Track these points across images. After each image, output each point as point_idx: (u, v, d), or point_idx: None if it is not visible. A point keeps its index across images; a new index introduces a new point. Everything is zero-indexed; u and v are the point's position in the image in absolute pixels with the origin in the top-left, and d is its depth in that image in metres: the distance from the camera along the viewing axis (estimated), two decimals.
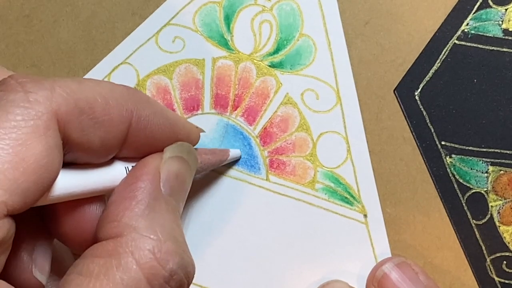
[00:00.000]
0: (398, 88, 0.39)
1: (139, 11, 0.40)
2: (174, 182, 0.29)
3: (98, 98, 0.26)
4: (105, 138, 0.27)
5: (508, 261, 0.38)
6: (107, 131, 0.27)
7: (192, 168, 0.31)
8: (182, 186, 0.30)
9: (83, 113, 0.26)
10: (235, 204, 0.39)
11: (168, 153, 0.30)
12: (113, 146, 0.28)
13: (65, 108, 0.25)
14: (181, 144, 0.31)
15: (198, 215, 0.39)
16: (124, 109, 0.27)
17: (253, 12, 0.39)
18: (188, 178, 0.31)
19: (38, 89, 0.25)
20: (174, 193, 0.29)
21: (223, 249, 0.39)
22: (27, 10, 0.41)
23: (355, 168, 0.39)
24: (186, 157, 0.30)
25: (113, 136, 0.27)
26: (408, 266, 0.37)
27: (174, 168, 0.29)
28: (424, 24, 0.39)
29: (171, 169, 0.29)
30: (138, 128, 0.28)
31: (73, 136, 0.26)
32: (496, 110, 0.38)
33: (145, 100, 0.29)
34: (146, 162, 0.29)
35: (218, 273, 0.39)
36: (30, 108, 0.24)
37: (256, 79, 0.39)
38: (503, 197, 0.38)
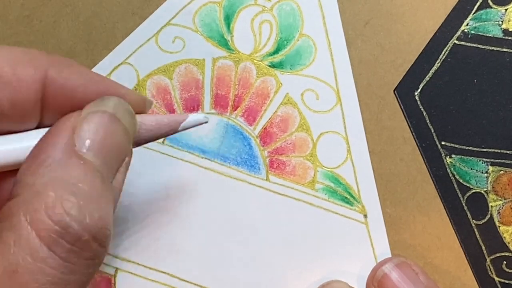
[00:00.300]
0: (398, 88, 0.39)
1: (139, 11, 0.40)
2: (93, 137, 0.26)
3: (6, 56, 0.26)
4: (16, 99, 0.26)
5: (508, 261, 0.38)
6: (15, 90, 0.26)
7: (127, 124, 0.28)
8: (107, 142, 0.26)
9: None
10: (235, 204, 0.39)
11: (89, 108, 0.27)
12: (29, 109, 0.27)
13: None
14: (105, 97, 0.28)
15: (198, 216, 0.39)
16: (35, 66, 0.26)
17: (253, 12, 0.39)
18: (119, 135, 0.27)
19: None
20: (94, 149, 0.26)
21: (223, 249, 0.39)
22: (27, 10, 0.41)
23: (355, 168, 0.39)
24: (112, 111, 0.27)
25: (25, 98, 0.26)
26: (408, 266, 0.37)
27: (94, 122, 0.26)
28: (424, 24, 0.39)
29: (90, 124, 0.26)
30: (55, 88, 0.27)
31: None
32: (496, 110, 0.38)
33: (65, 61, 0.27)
34: (63, 118, 0.27)
35: (218, 273, 0.39)
36: None
37: (256, 79, 0.39)
38: (503, 197, 0.38)
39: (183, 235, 0.39)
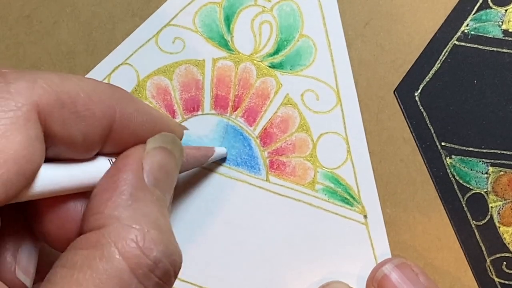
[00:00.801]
0: (398, 88, 0.39)
1: (139, 12, 0.40)
2: (158, 173, 0.28)
3: (80, 92, 0.26)
4: (88, 133, 0.27)
5: (508, 262, 0.38)
6: (89, 126, 0.27)
7: (178, 159, 0.31)
8: (166, 176, 0.29)
9: (64, 106, 0.26)
10: (235, 204, 0.39)
11: (151, 143, 0.29)
12: (96, 142, 0.28)
13: (46, 100, 0.25)
14: (164, 134, 0.30)
15: (198, 216, 0.39)
16: (106, 105, 0.27)
17: (253, 13, 0.39)
18: (174, 168, 0.30)
19: (19, 80, 0.24)
20: (158, 184, 0.28)
21: (223, 249, 0.39)
22: (27, 11, 0.41)
23: (355, 168, 0.39)
24: (170, 147, 0.30)
25: (96, 132, 0.27)
26: (408, 267, 0.37)
27: (157, 158, 0.29)
28: (424, 25, 0.39)
29: (154, 160, 0.28)
30: (121, 124, 0.28)
31: (54, 129, 0.26)
32: (496, 111, 0.38)
33: (128, 98, 0.29)
34: (129, 153, 0.28)
35: (218, 273, 0.39)
36: (10, 99, 0.24)
37: (256, 80, 0.39)
38: (503, 197, 0.38)
39: (183, 236, 0.39)
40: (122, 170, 0.27)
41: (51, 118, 0.25)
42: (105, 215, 0.26)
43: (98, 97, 0.27)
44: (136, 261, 0.25)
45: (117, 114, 0.28)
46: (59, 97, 0.25)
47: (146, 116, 0.29)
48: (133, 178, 0.27)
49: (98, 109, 0.27)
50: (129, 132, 0.29)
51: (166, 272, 0.26)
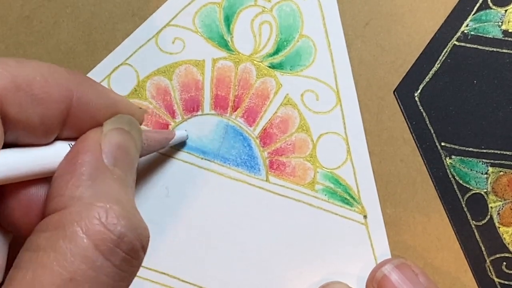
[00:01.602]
0: (398, 89, 0.39)
1: (139, 12, 0.40)
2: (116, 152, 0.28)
3: (37, 76, 0.26)
4: (45, 116, 0.27)
5: (508, 262, 0.38)
6: (46, 109, 0.27)
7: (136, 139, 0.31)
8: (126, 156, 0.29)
9: (20, 89, 0.26)
10: (235, 205, 0.39)
11: (108, 125, 0.29)
12: (54, 125, 0.28)
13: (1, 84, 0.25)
14: (120, 116, 0.30)
15: (198, 216, 0.39)
16: (64, 88, 0.27)
17: (253, 13, 0.39)
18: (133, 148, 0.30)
19: None
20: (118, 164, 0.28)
21: (223, 250, 0.39)
22: (27, 11, 0.41)
23: (355, 169, 0.39)
24: (127, 128, 0.30)
25: (53, 115, 0.27)
26: (408, 267, 0.37)
27: (115, 139, 0.29)
28: (424, 25, 0.39)
29: (112, 141, 0.28)
30: (79, 108, 0.28)
31: (11, 113, 0.26)
32: (496, 111, 0.38)
33: (87, 81, 0.29)
34: (87, 136, 0.29)
35: (218, 274, 0.39)
36: None
37: (256, 80, 0.39)
38: (502, 198, 0.38)
39: (183, 236, 0.39)
40: (81, 152, 0.27)
41: (6, 101, 0.25)
42: (66, 196, 0.26)
43: (55, 80, 0.27)
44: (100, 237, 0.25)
45: (74, 97, 0.28)
46: (14, 80, 0.26)
47: (104, 99, 0.30)
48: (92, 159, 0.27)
49: (55, 92, 0.27)
50: (87, 115, 0.29)
51: (133, 247, 0.26)
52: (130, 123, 0.30)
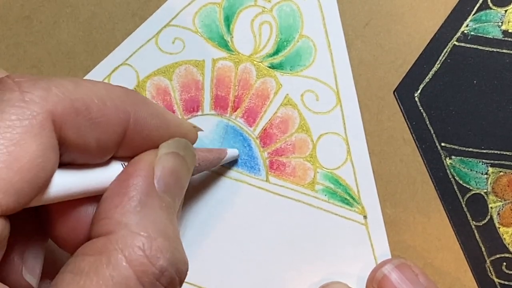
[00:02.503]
0: (398, 89, 0.39)
1: (139, 12, 0.40)
2: (168, 178, 0.28)
3: (94, 99, 0.26)
4: (102, 139, 0.27)
5: (508, 263, 0.38)
6: (103, 132, 0.27)
7: (190, 165, 0.31)
8: (177, 182, 0.29)
9: (79, 113, 0.26)
10: (235, 205, 0.39)
11: (163, 149, 0.29)
12: (110, 147, 0.28)
13: (61, 108, 0.25)
14: (177, 140, 0.30)
15: (198, 216, 0.39)
16: (121, 110, 0.27)
17: (253, 13, 0.39)
18: (185, 174, 0.30)
19: (34, 88, 0.24)
20: (169, 190, 0.28)
21: (222, 250, 0.39)
22: (27, 11, 0.41)
23: (355, 169, 0.39)
24: (182, 153, 0.30)
25: (110, 137, 0.27)
26: (408, 268, 0.37)
27: (169, 164, 0.29)
28: (424, 25, 0.39)
29: (165, 165, 0.28)
30: (135, 129, 0.28)
31: (69, 137, 0.26)
32: (496, 111, 0.38)
33: (142, 102, 0.29)
34: (140, 158, 0.28)
35: (217, 274, 0.39)
36: (25, 108, 0.24)
37: (256, 80, 0.39)
38: (502, 198, 0.38)
39: (183, 236, 0.39)
40: (133, 175, 0.27)
41: (65, 126, 0.25)
42: (113, 220, 0.26)
43: (113, 103, 0.27)
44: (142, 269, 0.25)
45: (131, 119, 0.28)
46: (73, 105, 0.25)
47: (160, 120, 0.29)
48: (143, 184, 0.27)
49: (112, 114, 0.27)
50: (142, 136, 0.29)
51: (172, 281, 0.26)
52: (185, 147, 0.30)
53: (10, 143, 0.23)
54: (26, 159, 0.23)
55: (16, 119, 0.24)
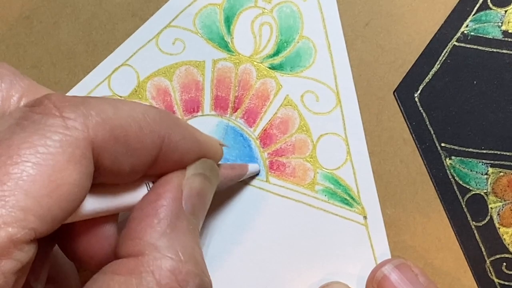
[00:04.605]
0: (398, 89, 0.39)
1: (139, 12, 0.40)
2: (196, 200, 0.29)
3: (133, 125, 0.26)
4: (136, 164, 0.27)
5: (508, 263, 0.38)
6: (138, 157, 0.27)
7: (214, 185, 0.31)
8: (203, 203, 0.30)
9: (117, 141, 0.26)
10: (235, 205, 0.39)
11: (191, 170, 0.30)
12: (142, 171, 0.28)
13: (101, 136, 0.25)
14: (205, 161, 0.31)
15: None
16: (156, 135, 0.27)
17: (253, 15, 0.39)
18: (209, 195, 0.31)
19: (75, 115, 0.24)
20: (195, 211, 0.29)
21: (222, 250, 0.39)
22: (27, 11, 0.41)
23: (355, 169, 0.39)
24: (208, 174, 0.31)
25: (143, 162, 0.27)
26: (408, 268, 0.37)
27: (197, 185, 0.29)
28: (424, 25, 0.39)
29: (193, 187, 0.29)
30: (167, 152, 0.28)
31: (105, 164, 0.26)
32: (496, 112, 0.38)
33: (176, 124, 0.29)
34: (169, 179, 0.29)
35: (217, 274, 0.39)
36: (68, 136, 0.24)
37: (256, 81, 0.39)
38: (503, 198, 0.38)
39: None
40: (162, 196, 0.28)
41: (103, 153, 0.25)
42: (144, 242, 0.26)
43: (149, 127, 0.27)
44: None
45: (164, 143, 0.28)
46: (113, 132, 0.25)
47: (191, 142, 0.30)
48: (173, 205, 0.28)
49: (148, 140, 0.27)
50: (173, 158, 0.29)
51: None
52: (211, 169, 0.31)
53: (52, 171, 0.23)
54: (66, 188, 0.24)
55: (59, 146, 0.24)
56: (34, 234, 0.23)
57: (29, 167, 0.23)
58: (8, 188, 0.22)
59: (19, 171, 0.23)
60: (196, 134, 0.31)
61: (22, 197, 0.22)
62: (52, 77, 0.40)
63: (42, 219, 0.23)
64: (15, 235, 0.22)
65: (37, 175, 0.23)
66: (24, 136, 0.23)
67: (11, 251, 0.22)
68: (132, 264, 0.26)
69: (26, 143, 0.23)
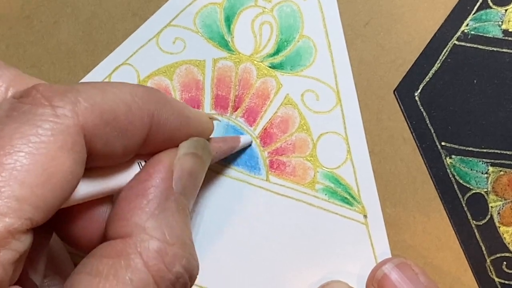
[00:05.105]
0: (398, 88, 0.39)
1: (140, 12, 0.40)
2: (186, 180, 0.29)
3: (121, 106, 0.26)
4: (127, 145, 0.27)
5: (508, 262, 0.38)
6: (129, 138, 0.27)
7: (206, 164, 0.31)
8: (194, 183, 0.29)
9: (107, 124, 0.26)
10: (235, 204, 0.39)
11: (183, 149, 0.30)
12: (134, 150, 0.28)
13: (91, 121, 0.25)
14: (197, 140, 0.31)
15: (198, 216, 0.39)
16: (145, 114, 0.27)
17: (253, 14, 0.39)
18: (201, 174, 0.30)
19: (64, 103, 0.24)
20: (185, 191, 0.28)
21: (222, 249, 0.39)
22: (27, 11, 0.41)
23: (355, 168, 0.39)
24: (200, 153, 0.30)
25: (134, 142, 0.27)
26: (408, 267, 0.37)
27: (188, 165, 0.29)
28: (424, 24, 0.39)
29: (184, 167, 0.29)
30: (157, 130, 0.28)
31: (97, 147, 0.26)
32: (496, 111, 0.38)
33: (164, 101, 0.29)
34: (160, 158, 0.29)
35: (217, 273, 0.39)
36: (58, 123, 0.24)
37: (256, 80, 0.39)
38: (503, 197, 0.38)
39: None
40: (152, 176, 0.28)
41: (95, 138, 0.25)
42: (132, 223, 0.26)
43: (137, 106, 0.27)
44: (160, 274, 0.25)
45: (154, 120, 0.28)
46: (102, 117, 0.25)
47: (181, 119, 0.30)
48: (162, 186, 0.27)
49: (138, 120, 0.27)
50: (163, 136, 0.29)
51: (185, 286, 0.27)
52: (203, 147, 0.31)
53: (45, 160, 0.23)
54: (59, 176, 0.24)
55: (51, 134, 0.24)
56: (30, 223, 0.23)
57: (22, 157, 0.23)
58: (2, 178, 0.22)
59: (13, 161, 0.23)
60: (186, 110, 0.30)
61: (17, 187, 0.22)
62: (52, 76, 0.40)
63: (38, 208, 0.23)
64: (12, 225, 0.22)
65: (30, 164, 0.23)
66: (15, 127, 0.23)
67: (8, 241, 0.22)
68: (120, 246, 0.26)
69: (17, 133, 0.23)
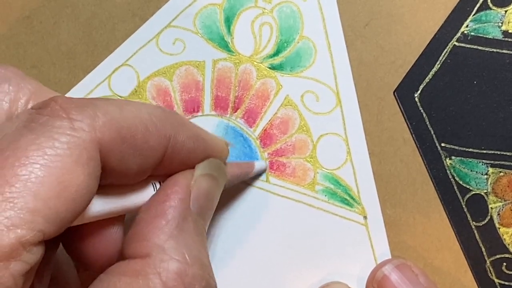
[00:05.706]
0: (398, 89, 0.39)
1: (140, 12, 0.40)
2: (203, 201, 0.29)
3: (138, 125, 0.26)
4: (142, 164, 0.27)
5: (508, 263, 0.38)
6: (145, 158, 0.27)
7: (221, 185, 0.31)
8: (210, 204, 0.30)
9: (124, 142, 0.26)
10: (235, 205, 0.39)
11: (199, 170, 0.30)
12: (149, 171, 0.28)
13: (108, 137, 0.25)
14: (212, 161, 0.31)
15: None
16: (162, 135, 0.27)
17: (253, 15, 0.39)
18: (217, 195, 0.31)
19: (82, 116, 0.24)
20: (202, 212, 0.29)
21: (222, 250, 0.39)
22: (27, 11, 0.41)
23: (355, 169, 0.39)
24: (216, 174, 0.31)
25: (150, 162, 0.27)
26: (408, 268, 0.37)
27: (205, 186, 0.29)
28: (424, 25, 0.39)
29: (201, 188, 0.29)
30: (173, 152, 0.28)
31: (112, 164, 0.26)
32: (496, 112, 0.38)
33: (181, 123, 0.29)
34: (177, 180, 0.29)
35: (217, 273, 0.39)
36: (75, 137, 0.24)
37: (256, 81, 0.39)
38: (503, 198, 0.38)
39: None
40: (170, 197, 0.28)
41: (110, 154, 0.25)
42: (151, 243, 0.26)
43: (155, 127, 0.27)
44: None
45: (170, 143, 0.28)
46: (120, 133, 0.25)
47: (197, 142, 0.30)
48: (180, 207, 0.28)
49: (154, 140, 0.27)
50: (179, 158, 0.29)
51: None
52: (219, 168, 0.31)
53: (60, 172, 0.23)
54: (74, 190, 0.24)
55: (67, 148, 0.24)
56: (42, 236, 0.23)
57: (37, 169, 0.23)
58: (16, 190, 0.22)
59: (27, 172, 0.23)
60: (202, 133, 0.31)
61: (30, 199, 0.22)
62: (52, 77, 0.40)
63: (50, 221, 0.23)
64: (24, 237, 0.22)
65: (45, 177, 0.23)
66: (32, 138, 0.23)
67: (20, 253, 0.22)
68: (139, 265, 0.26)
69: (34, 145, 0.23)
